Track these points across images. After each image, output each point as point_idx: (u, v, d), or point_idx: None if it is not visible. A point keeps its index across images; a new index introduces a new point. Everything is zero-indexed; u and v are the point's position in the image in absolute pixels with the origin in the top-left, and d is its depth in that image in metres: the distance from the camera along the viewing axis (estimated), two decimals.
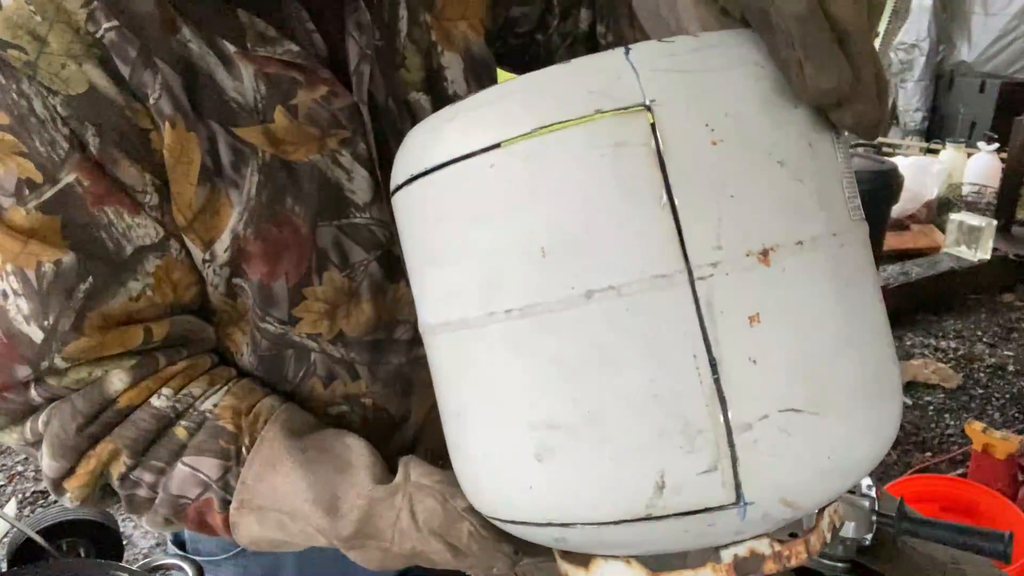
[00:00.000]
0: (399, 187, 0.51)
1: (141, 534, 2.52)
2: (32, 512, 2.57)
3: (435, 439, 0.79)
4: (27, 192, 0.58)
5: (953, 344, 3.57)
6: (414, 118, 0.71)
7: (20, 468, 2.85)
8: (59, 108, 0.57)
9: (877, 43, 6.08)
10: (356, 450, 0.66)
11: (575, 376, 0.44)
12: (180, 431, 0.64)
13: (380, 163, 0.69)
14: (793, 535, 0.91)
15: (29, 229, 0.59)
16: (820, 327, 0.44)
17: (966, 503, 2.03)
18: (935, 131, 5.83)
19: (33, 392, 0.62)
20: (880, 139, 5.78)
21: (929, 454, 2.81)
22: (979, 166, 4.79)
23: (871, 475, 1.00)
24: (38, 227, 0.59)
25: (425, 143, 0.47)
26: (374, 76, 0.68)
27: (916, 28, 5.77)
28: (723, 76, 0.43)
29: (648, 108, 0.41)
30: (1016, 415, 3.04)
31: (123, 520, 2.53)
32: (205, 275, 0.66)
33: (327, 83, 0.65)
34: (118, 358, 0.63)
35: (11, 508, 2.19)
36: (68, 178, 0.58)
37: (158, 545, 2.48)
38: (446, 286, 0.48)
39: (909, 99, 5.90)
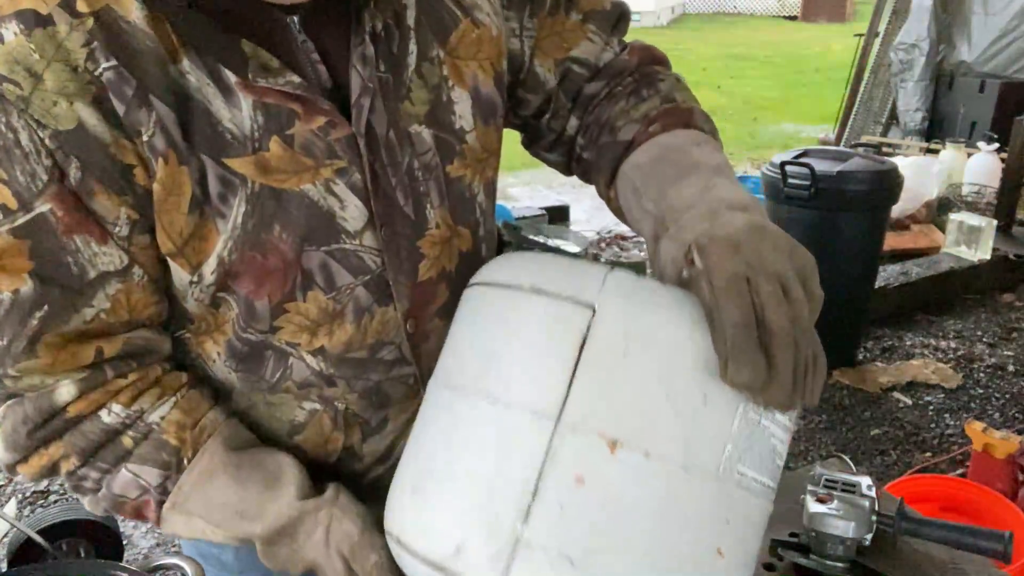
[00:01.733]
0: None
1: (141, 534, 2.52)
2: (32, 512, 2.57)
3: None
4: (1, 217, 0.61)
5: (953, 344, 3.57)
6: (413, 149, 0.74)
7: None
8: (47, 141, 0.60)
9: (877, 43, 6.09)
10: (286, 468, 0.73)
11: (454, 441, 0.60)
12: (127, 440, 0.70)
13: (375, 193, 0.71)
14: (794, 535, 0.94)
15: None
16: (629, 517, 0.55)
17: (966, 503, 2.03)
18: (935, 131, 5.82)
19: None
20: (880, 139, 5.78)
21: (929, 454, 2.81)
22: (979, 166, 4.78)
23: (871, 475, 1.00)
24: (7, 249, 0.62)
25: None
26: (375, 108, 0.70)
27: (916, 28, 5.76)
28: (661, 319, 0.58)
29: (593, 310, 0.57)
30: (1016, 415, 3.04)
31: (123, 520, 2.53)
32: (191, 292, 0.70)
33: (326, 114, 0.67)
34: (68, 371, 0.67)
35: (11, 508, 2.19)
36: (43, 207, 0.62)
37: (158, 545, 2.48)
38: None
39: (909, 99, 5.89)
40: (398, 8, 0.72)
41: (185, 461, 0.71)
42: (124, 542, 2.23)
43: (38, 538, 1.92)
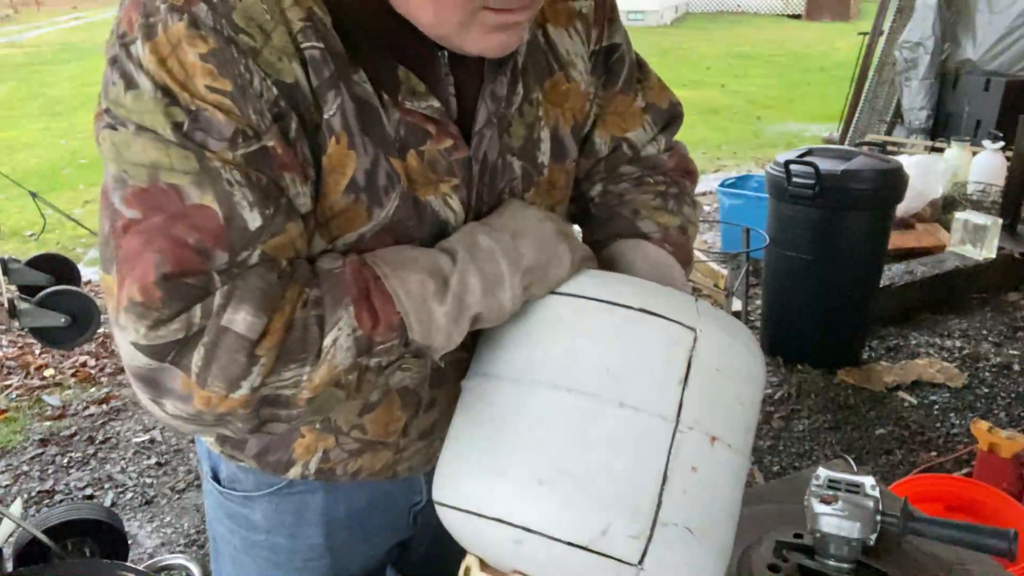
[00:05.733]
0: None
1: (146, 534, 2.53)
2: (37, 512, 2.58)
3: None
4: (240, 141, 0.67)
5: (958, 343, 3.56)
6: (507, 177, 0.85)
7: (26, 468, 2.86)
8: (272, 89, 0.68)
9: (882, 42, 6.07)
10: None
11: (587, 439, 0.70)
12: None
13: (477, 209, 0.83)
14: (798, 536, 0.96)
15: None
16: (719, 492, 0.74)
17: (971, 502, 2.02)
18: (940, 129, 5.80)
19: (216, 279, 0.66)
20: (885, 138, 5.77)
21: (935, 453, 2.80)
22: (984, 164, 4.77)
23: (876, 474, 1.00)
24: (241, 168, 0.68)
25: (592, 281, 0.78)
26: (491, 137, 0.82)
27: (921, 26, 5.74)
28: (735, 340, 0.77)
29: (695, 332, 0.74)
30: (1022, 414, 3.03)
31: (128, 520, 2.53)
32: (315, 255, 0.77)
33: (453, 138, 0.79)
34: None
35: (16, 508, 2.19)
36: (268, 142, 0.69)
37: (163, 545, 2.48)
38: (529, 354, 0.76)
39: (914, 97, 5.88)
40: (515, 54, 0.82)
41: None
42: (129, 542, 2.24)
43: (44, 538, 1.93)
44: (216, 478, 0.98)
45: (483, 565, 0.77)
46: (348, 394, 0.83)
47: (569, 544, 0.68)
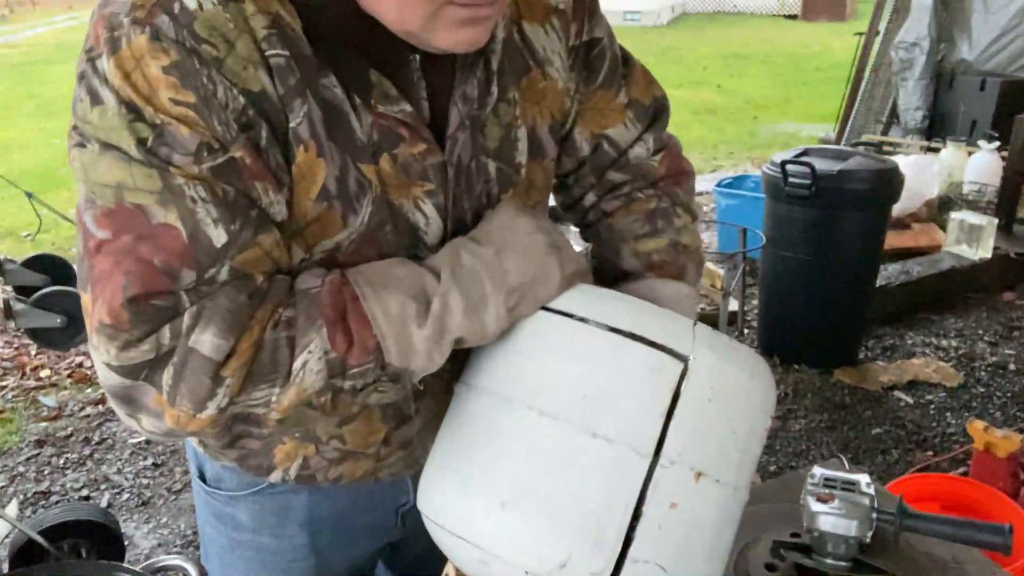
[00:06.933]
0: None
1: (143, 535, 2.52)
2: (33, 513, 2.57)
3: (431, 445, 0.88)
4: (205, 154, 0.66)
5: (954, 343, 3.57)
6: (482, 179, 0.83)
7: (21, 469, 2.86)
8: (240, 98, 0.67)
9: (878, 42, 6.08)
10: None
11: (554, 466, 0.67)
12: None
13: (455, 215, 0.81)
14: (795, 535, 0.96)
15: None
16: (701, 531, 0.70)
17: (967, 502, 2.03)
18: (936, 130, 5.81)
19: (184, 298, 0.66)
20: (881, 138, 5.78)
21: (931, 453, 2.80)
22: (980, 164, 4.78)
23: (872, 474, 1.00)
24: (210, 181, 0.67)
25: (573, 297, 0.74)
26: (464, 140, 0.80)
27: (917, 26, 5.75)
28: (734, 371, 0.70)
29: (686, 362, 0.68)
30: (1017, 414, 3.03)
31: (124, 521, 2.53)
32: (295, 265, 0.76)
33: (426, 142, 0.77)
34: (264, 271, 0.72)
35: (12, 509, 2.19)
36: (235, 153, 0.67)
37: (160, 546, 2.48)
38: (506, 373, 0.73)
39: (910, 98, 5.88)
40: (489, 54, 0.81)
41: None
42: (125, 543, 2.24)
43: (40, 539, 1.93)
44: (202, 477, 0.99)
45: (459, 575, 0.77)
46: (323, 412, 0.83)
47: (527, 573, 0.66)
